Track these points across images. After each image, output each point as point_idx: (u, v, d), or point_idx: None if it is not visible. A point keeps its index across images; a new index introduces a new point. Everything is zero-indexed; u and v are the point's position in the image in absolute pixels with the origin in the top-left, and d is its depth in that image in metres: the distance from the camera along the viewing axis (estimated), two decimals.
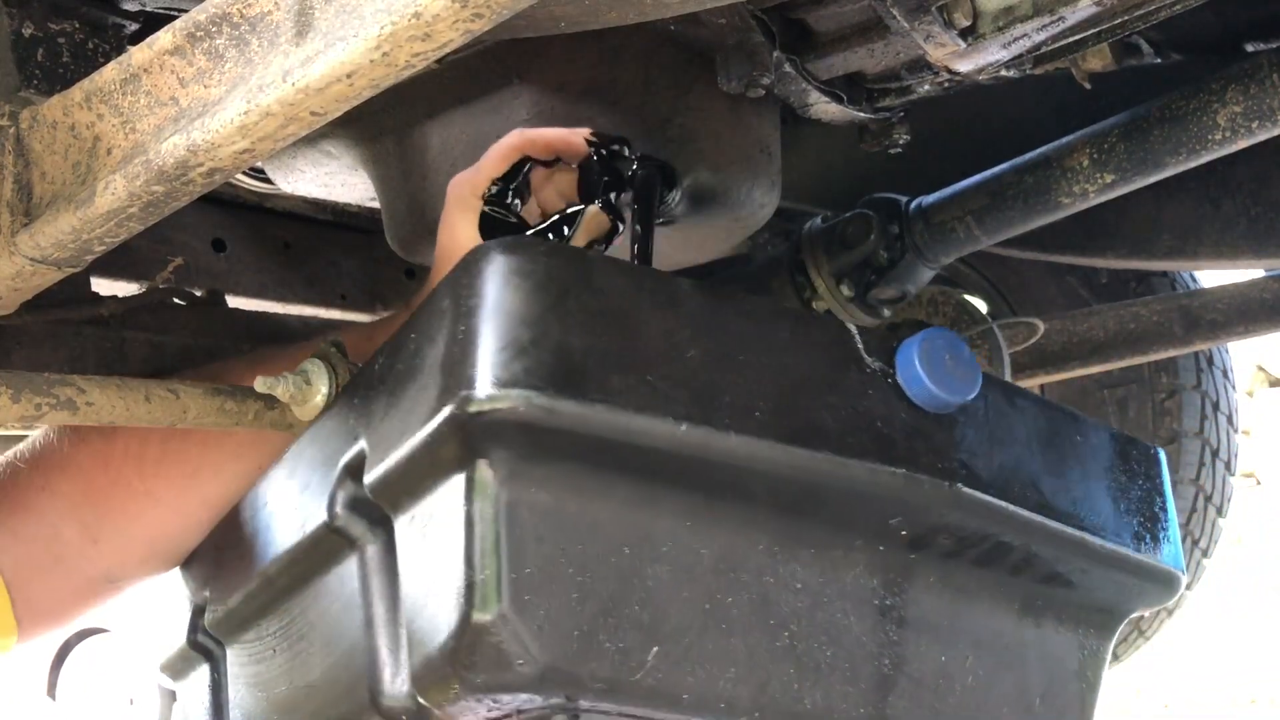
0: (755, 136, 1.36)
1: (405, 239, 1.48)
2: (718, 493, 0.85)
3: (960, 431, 0.95)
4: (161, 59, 0.82)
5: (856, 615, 0.91)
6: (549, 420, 0.77)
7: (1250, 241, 1.65)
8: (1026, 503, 0.98)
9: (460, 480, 0.79)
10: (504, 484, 0.78)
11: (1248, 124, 1.25)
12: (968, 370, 0.94)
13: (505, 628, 0.76)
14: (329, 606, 0.97)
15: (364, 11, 0.68)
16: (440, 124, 1.39)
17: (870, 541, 0.92)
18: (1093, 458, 1.08)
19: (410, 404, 0.82)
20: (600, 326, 0.81)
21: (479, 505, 0.78)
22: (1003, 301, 2.22)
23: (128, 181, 0.82)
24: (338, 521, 0.91)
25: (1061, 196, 1.40)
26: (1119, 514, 1.08)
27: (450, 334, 0.81)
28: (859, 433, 0.89)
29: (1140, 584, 1.11)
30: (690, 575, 0.84)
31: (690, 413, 0.81)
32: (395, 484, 0.84)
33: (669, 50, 1.29)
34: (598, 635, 0.79)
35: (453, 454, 0.79)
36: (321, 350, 1.06)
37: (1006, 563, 1.01)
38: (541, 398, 0.77)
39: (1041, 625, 1.06)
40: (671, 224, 1.33)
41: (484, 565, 0.76)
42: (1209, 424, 2.24)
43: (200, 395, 1.00)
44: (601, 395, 0.79)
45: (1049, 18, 1.00)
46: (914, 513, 0.92)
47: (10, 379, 0.91)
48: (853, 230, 1.54)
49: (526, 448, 0.79)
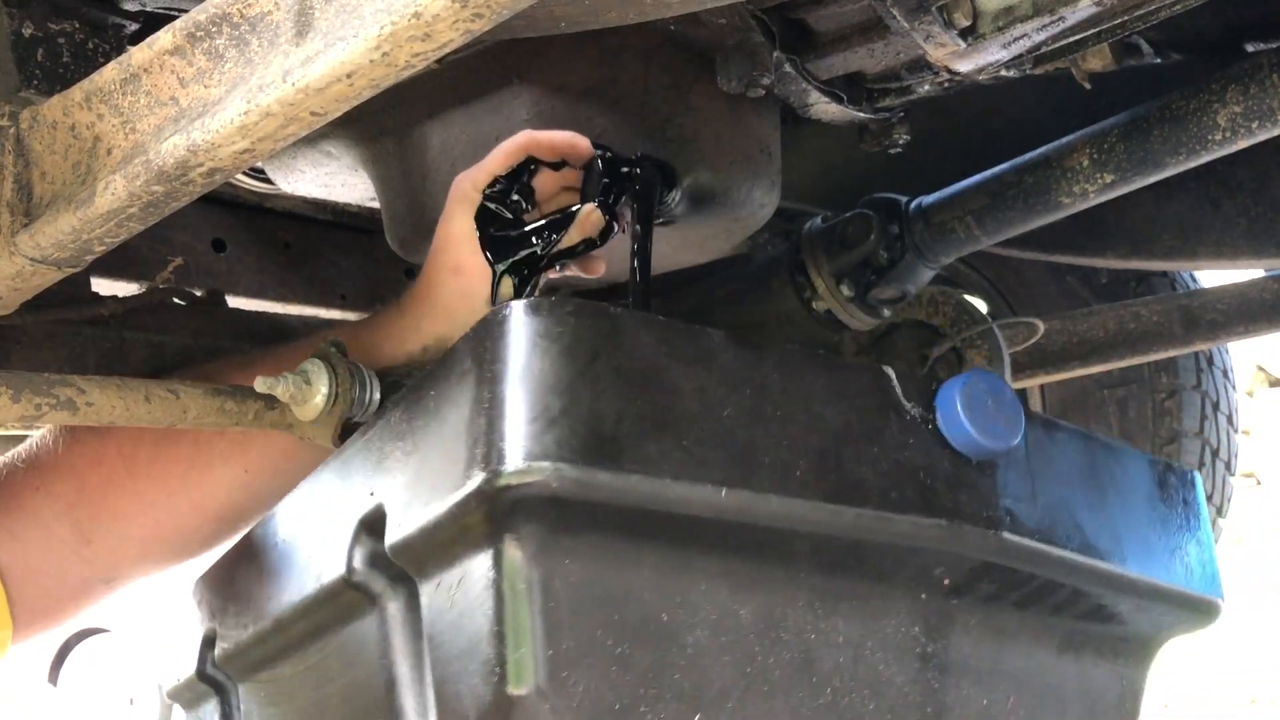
0: (755, 136, 1.36)
1: (405, 239, 1.48)
2: (757, 553, 0.83)
3: (1003, 476, 0.93)
4: (161, 59, 0.82)
5: (898, 665, 0.89)
6: (583, 493, 0.74)
7: (1250, 241, 1.65)
8: (1069, 543, 0.95)
9: (489, 555, 0.75)
10: (535, 558, 0.75)
11: (1248, 124, 1.25)
12: (1011, 414, 0.91)
13: (541, 705, 0.73)
14: (349, 659, 0.94)
15: (364, 11, 0.68)
16: (440, 124, 1.39)
17: (911, 590, 0.90)
18: (1132, 489, 1.06)
19: (434, 470, 0.79)
20: (632, 390, 0.78)
21: (509, 581, 0.74)
22: (1003, 301, 2.22)
23: (128, 181, 0.82)
24: (356, 577, 0.88)
25: (1061, 196, 1.40)
26: (1159, 544, 1.05)
27: (475, 400, 0.77)
28: (901, 485, 0.86)
29: (1179, 612, 1.09)
30: (730, 638, 0.81)
31: (729, 476, 0.78)
32: (419, 550, 0.81)
33: (669, 50, 1.29)
34: (638, 708, 0.76)
35: (481, 527, 0.76)
36: (321, 350, 1.06)
37: (1048, 603, 0.99)
38: (575, 470, 0.73)
39: (1081, 660, 1.05)
40: (671, 224, 1.33)
41: (517, 643, 0.73)
42: (1209, 424, 2.24)
43: (200, 395, 1.00)
44: (637, 464, 0.75)
45: (1049, 18, 1.00)
46: (957, 561, 0.90)
47: (10, 379, 0.90)
48: (853, 230, 1.54)
49: (558, 520, 0.75)
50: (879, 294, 1.56)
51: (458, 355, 0.81)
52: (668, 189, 1.27)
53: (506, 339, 0.77)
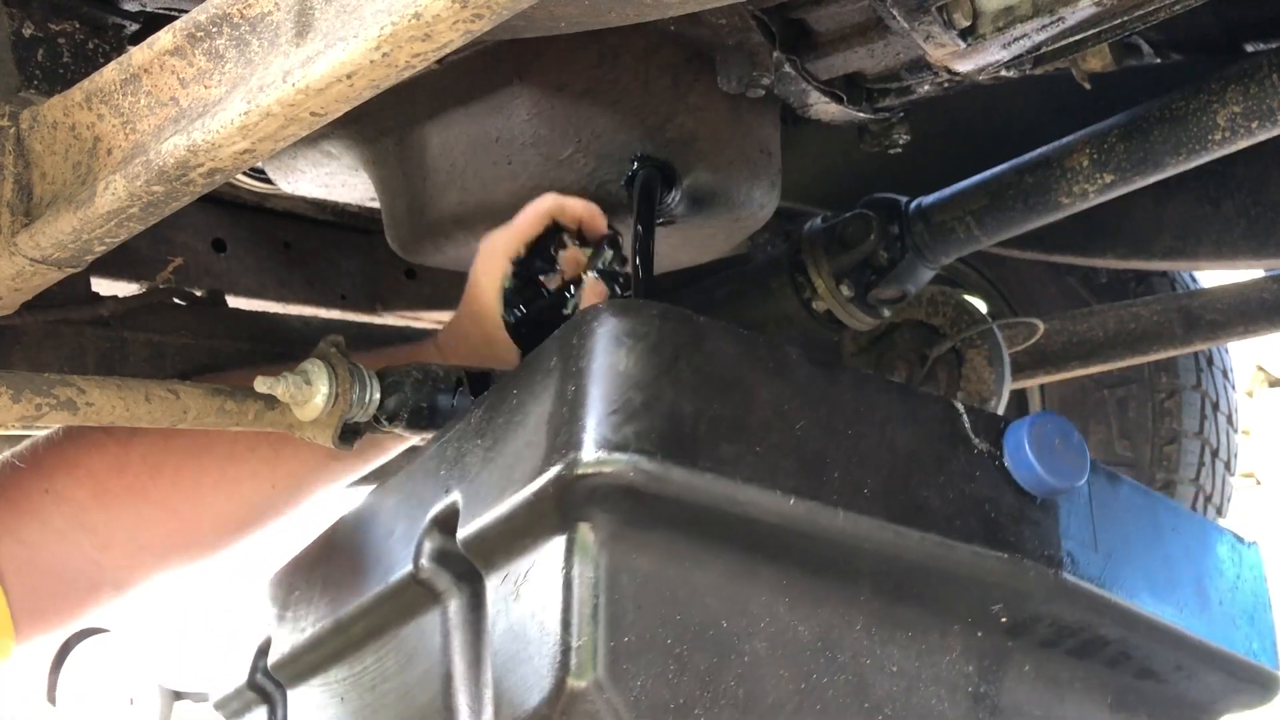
0: (755, 136, 1.36)
1: (405, 239, 1.48)
2: (818, 569, 0.83)
3: (1065, 518, 0.93)
4: (162, 59, 0.82)
5: (950, 701, 0.89)
6: (657, 487, 0.75)
7: (1250, 241, 1.65)
8: (1127, 593, 0.95)
9: (561, 542, 0.77)
10: (605, 548, 0.76)
11: (1248, 124, 1.25)
12: (1077, 456, 0.92)
13: (601, 696, 0.74)
14: (406, 658, 0.95)
15: (364, 12, 0.68)
16: (440, 124, 1.39)
17: (968, 627, 0.90)
18: (1193, 550, 1.05)
19: (512, 461, 0.81)
20: (711, 392, 0.79)
21: (579, 569, 0.75)
22: (1003, 301, 2.22)
23: (128, 182, 0.82)
24: (423, 574, 0.89)
25: (1061, 196, 1.40)
26: (1218, 609, 1.04)
27: (559, 393, 0.79)
28: (965, 515, 0.87)
29: (1237, 684, 1.07)
30: (787, 653, 0.82)
31: (799, 486, 0.79)
32: (491, 541, 0.82)
33: (669, 50, 1.29)
34: (693, 710, 0.77)
35: (555, 515, 0.77)
36: (321, 350, 1.06)
37: (1104, 655, 0.98)
38: (651, 463, 0.75)
39: None
40: (671, 224, 1.33)
41: (581, 631, 0.74)
42: (1209, 424, 2.24)
43: (200, 395, 1.00)
44: (711, 463, 0.77)
45: (1049, 18, 1.00)
46: (1016, 599, 0.90)
47: (10, 379, 0.90)
48: (853, 230, 1.54)
49: (630, 512, 0.77)
50: (879, 294, 1.56)
51: (544, 354, 0.83)
52: (668, 189, 1.28)
53: (594, 336, 0.79)
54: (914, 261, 1.54)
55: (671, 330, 0.80)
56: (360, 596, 0.98)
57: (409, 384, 1.21)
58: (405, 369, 1.22)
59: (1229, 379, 2.34)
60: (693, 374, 0.79)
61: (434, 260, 1.49)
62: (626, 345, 0.78)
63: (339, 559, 1.06)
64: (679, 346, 0.80)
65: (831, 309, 1.57)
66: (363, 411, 1.12)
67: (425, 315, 2.18)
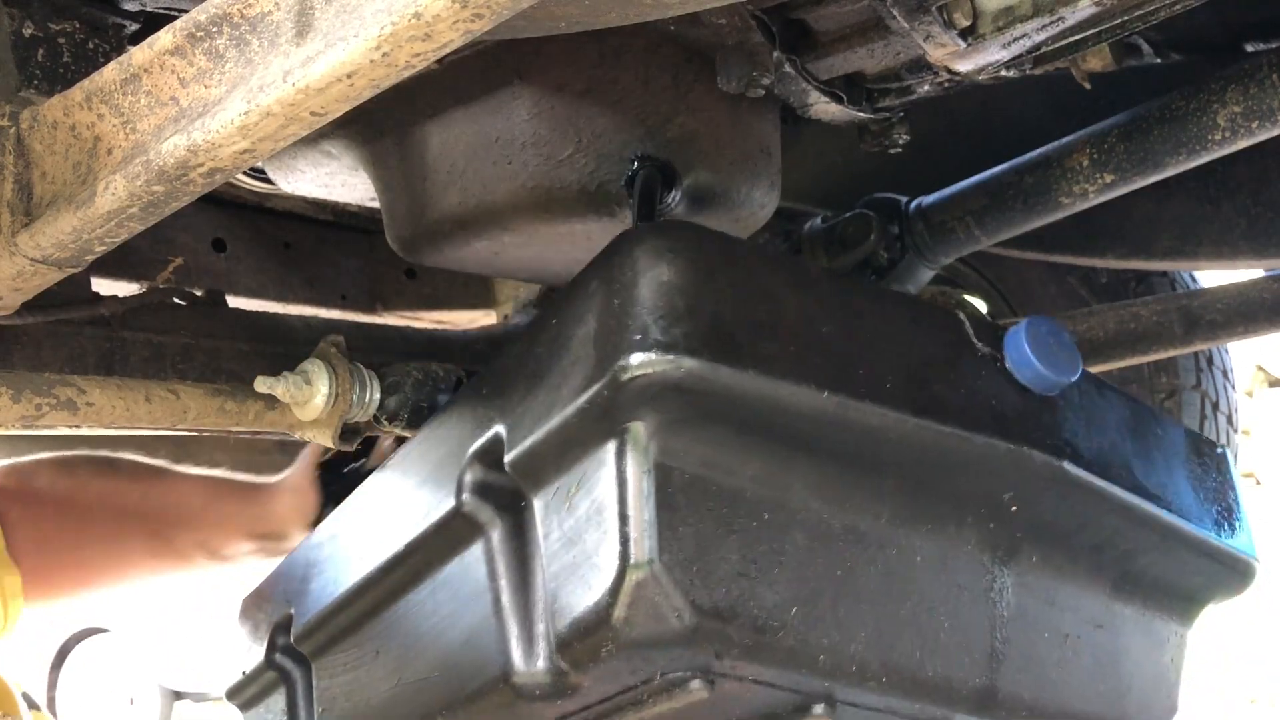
0: (755, 136, 1.36)
1: (405, 239, 1.48)
2: (847, 463, 0.89)
3: (1063, 414, 1.00)
4: (162, 59, 0.82)
5: (969, 589, 0.95)
6: (704, 385, 0.80)
7: (1250, 241, 1.65)
8: (1122, 484, 1.02)
9: (613, 444, 0.81)
10: (656, 445, 0.80)
11: (1248, 124, 1.25)
12: (1070, 353, 0.99)
13: (660, 583, 0.78)
14: (448, 596, 0.98)
15: (364, 12, 0.68)
16: (440, 124, 1.39)
17: (982, 518, 0.96)
18: (1172, 449, 1.13)
19: (558, 379, 0.85)
20: (747, 299, 0.85)
21: (633, 466, 0.80)
22: (1003, 301, 2.21)
23: (128, 182, 0.82)
24: (465, 507, 0.93)
25: (1061, 196, 1.40)
26: (1200, 502, 1.13)
27: (603, 308, 0.83)
28: (978, 409, 0.93)
29: (1220, 570, 1.15)
30: (823, 543, 0.87)
31: (830, 381, 0.85)
32: (540, 457, 0.86)
33: (669, 50, 1.29)
34: (744, 596, 0.82)
35: (606, 420, 0.81)
36: (321, 350, 1.06)
37: (1102, 544, 1.05)
38: (698, 363, 0.79)
39: (1132, 607, 1.11)
40: None
41: (638, 522, 0.78)
42: (1209, 424, 2.24)
43: (200, 395, 1.00)
44: (752, 362, 0.82)
45: (1049, 18, 1.00)
46: (1024, 488, 0.96)
47: (10, 379, 0.91)
48: (853, 230, 1.54)
49: (678, 411, 0.81)
50: None
51: (584, 279, 0.88)
52: (668, 189, 1.28)
53: (636, 251, 0.84)
54: (914, 261, 1.54)
55: (708, 245, 0.86)
56: (399, 543, 1.01)
57: (409, 384, 1.21)
58: (405, 369, 1.23)
59: (1229, 379, 2.34)
60: (729, 283, 0.85)
61: (434, 260, 1.49)
62: (667, 258, 0.83)
63: (371, 516, 1.08)
64: (715, 259, 0.85)
65: None
66: (363, 411, 1.12)
67: (425, 315, 2.18)
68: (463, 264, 1.51)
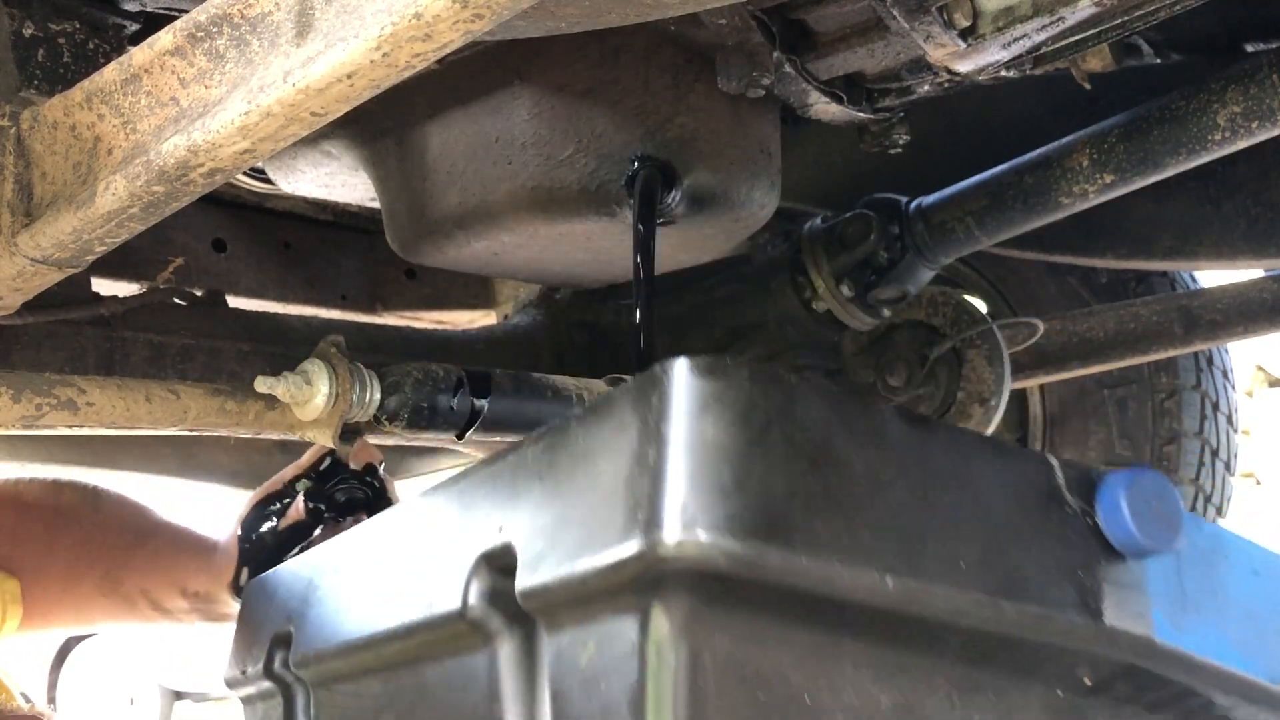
0: (755, 136, 1.36)
1: (405, 239, 1.48)
2: (905, 642, 0.80)
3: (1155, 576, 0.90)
4: (162, 59, 0.82)
5: None
6: (750, 573, 0.71)
7: (1250, 241, 1.65)
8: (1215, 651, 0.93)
9: (636, 620, 0.73)
10: (686, 630, 0.72)
11: (1248, 124, 1.25)
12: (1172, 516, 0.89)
13: None
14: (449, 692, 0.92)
15: (364, 12, 0.68)
16: (440, 124, 1.39)
17: (1050, 686, 0.88)
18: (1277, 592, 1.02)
19: (582, 521, 0.76)
20: (804, 464, 0.74)
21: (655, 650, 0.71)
22: (1003, 301, 2.22)
23: (128, 182, 0.82)
24: (471, 614, 0.85)
25: (1061, 196, 1.40)
26: None
27: (637, 457, 0.74)
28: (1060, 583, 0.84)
29: None
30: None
31: (896, 564, 0.75)
32: (555, 600, 0.78)
33: (669, 50, 1.29)
34: None
35: (631, 592, 0.73)
36: (321, 350, 1.06)
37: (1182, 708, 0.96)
38: (744, 548, 0.70)
39: None
40: (671, 224, 1.33)
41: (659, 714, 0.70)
42: (1209, 424, 2.24)
43: (200, 395, 1.00)
44: (807, 546, 0.72)
45: (1049, 18, 1.00)
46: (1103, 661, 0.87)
47: (10, 379, 0.91)
48: (853, 230, 1.54)
49: (714, 594, 0.73)
50: (879, 294, 1.56)
51: (615, 405, 0.78)
52: (668, 189, 1.28)
53: (676, 396, 0.74)
54: (914, 261, 1.54)
55: (761, 394, 0.74)
56: (399, 620, 0.95)
57: (409, 384, 1.21)
58: (405, 369, 1.23)
59: (1229, 379, 2.34)
60: (784, 444, 0.74)
61: (434, 260, 1.49)
62: (714, 412, 0.73)
63: (373, 569, 1.04)
64: (769, 413, 0.74)
65: (831, 309, 1.57)
66: (363, 411, 1.12)
67: (425, 315, 2.18)
68: (463, 264, 1.51)
